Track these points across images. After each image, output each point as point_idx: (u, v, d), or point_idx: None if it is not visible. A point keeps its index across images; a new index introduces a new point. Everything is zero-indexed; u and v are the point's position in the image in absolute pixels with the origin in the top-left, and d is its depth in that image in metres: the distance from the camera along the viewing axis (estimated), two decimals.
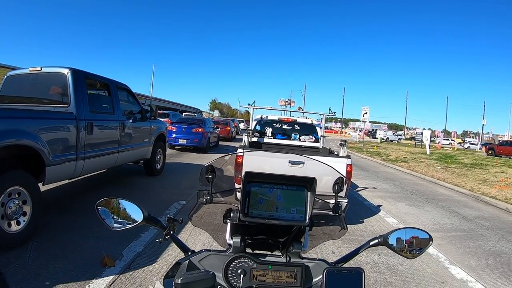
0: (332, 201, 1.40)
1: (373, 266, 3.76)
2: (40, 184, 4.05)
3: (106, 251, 3.43)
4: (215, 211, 1.38)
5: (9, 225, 3.42)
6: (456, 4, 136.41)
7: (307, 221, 1.12)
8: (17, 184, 3.51)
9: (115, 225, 1.14)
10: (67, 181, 5.22)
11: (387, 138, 55.73)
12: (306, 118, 8.32)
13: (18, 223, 3.51)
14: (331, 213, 1.37)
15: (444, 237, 5.23)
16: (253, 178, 1.13)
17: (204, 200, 1.33)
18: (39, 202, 3.81)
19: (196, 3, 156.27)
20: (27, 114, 4.00)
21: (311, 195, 1.13)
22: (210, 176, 1.33)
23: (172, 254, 3.55)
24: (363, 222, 5.60)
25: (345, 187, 1.39)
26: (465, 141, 63.77)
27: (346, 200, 4.64)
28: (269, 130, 7.16)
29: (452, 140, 57.50)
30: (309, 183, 1.14)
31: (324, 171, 5.40)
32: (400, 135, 64.08)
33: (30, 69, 5.10)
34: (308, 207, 1.13)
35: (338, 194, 1.38)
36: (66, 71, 4.78)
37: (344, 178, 1.40)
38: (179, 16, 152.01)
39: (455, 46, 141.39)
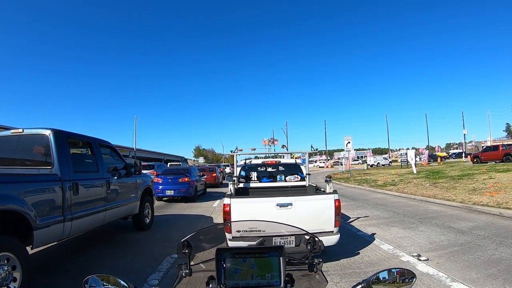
0: (321, 245, 1.47)
1: None
2: (28, 248, 3.93)
3: None
4: (200, 276, 1.40)
5: None
6: (425, 23, 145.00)
7: (281, 285, 1.19)
8: (5, 250, 3.41)
9: None
10: (56, 242, 5.06)
11: (378, 163, 56.23)
12: (292, 156, 8.43)
13: None
14: (307, 271, 1.43)
15: (442, 254, 5.22)
16: (226, 251, 1.21)
17: (183, 273, 1.37)
18: (29, 266, 3.69)
19: (173, 51, 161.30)
20: (11, 178, 3.95)
21: (283, 260, 1.21)
22: (186, 251, 1.37)
23: None
24: (358, 253, 5.52)
25: (318, 244, 1.46)
26: (450, 154, 64.98)
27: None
28: (254, 175, 7.20)
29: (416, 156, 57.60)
30: (279, 249, 1.23)
31: (313, 211, 5.44)
32: (388, 159, 64.55)
33: (12, 131, 5.11)
34: (282, 271, 1.20)
35: (312, 253, 1.44)
36: (48, 132, 4.80)
37: (316, 239, 1.46)
38: (157, 65, 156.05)
39: (426, 64, 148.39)
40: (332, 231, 4.72)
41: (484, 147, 40.19)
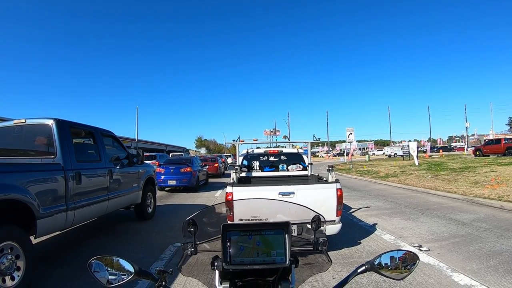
0: (325, 226, 1.46)
1: (375, 286, 3.71)
2: (32, 237, 3.96)
3: None
4: (204, 258, 1.40)
5: (4, 281, 3.33)
6: (427, 14, 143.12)
7: (287, 262, 1.18)
8: (8, 239, 3.44)
9: (110, 277, 1.15)
10: (59, 232, 5.11)
11: (395, 153, 53.84)
12: (293, 146, 8.40)
13: (12, 278, 3.42)
14: (312, 250, 1.41)
15: (443, 245, 5.24)
16: (231, 228, 1.20)
17: (188, 252, 1.37)
18: (32, 256, 3.72)
19: (176, 42, 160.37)
20: (14, 167, 3.96)
21: (289, 237, 1.20)
22: (192, 229, 1.37)
23: None
24: (360, 243, 5.56)
25: (323, 226, 1.45)
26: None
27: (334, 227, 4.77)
28: (256, 164, 7.20)
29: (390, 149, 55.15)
30: (285, 226, 1.21)
31: (314, 200, 5.44)
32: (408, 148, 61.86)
33: (15, 121, 5.11)
34: (287, 248, 1.19)
35: (317, 231, 1.43)
36: (50, 122, 4.80)
37: (321, 216, 1.45)
38: (158, 57, 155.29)
39: (429, 56, 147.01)
40: (334, 221, 4.74)
41: (486, 140, 39.99)
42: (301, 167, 7.20)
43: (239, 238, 1.19)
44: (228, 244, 1.18)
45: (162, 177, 13.57)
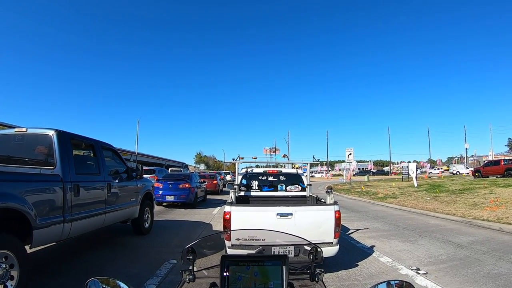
0: (322, 256, 1.49)
1: None
2: (27, 247, 3.93)
3: None
4: (201, 282, 1.42)
5: None
6: (428, 34, 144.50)
7: None
8: (3, 248, 3.41)
9: None
10: (55, 243, 5.07)
11: (458, 171, 49.19)
12: (293, 166, 8.42)
13: (5, 287, 3.37)
14: (308, 280, 1.44)
15: (441, 268, 5.18)
16: (230, 259, 1.23)
17: (187, 279, 1.38)
18: (27, 265, 3.69)
19: (177, 57, 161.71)
20: (12, 177, 3.96)
21: (286, 269, 1.24)
22: (191, 257, 1.39)
23: None
24: (357, 265, 5.48)
25: (320, 255, 1.47)
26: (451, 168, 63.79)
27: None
28: (255, 183, 7.21)
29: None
30: (282, 258, 1.25)
31: (313, 221, 5.44)
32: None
33: (16, 129, 5.15)
34: (284, 280, 1.22)
35: (314, 263, 1.45)
36: (51, 133, 4.83)
37: (318, 248, 1.48)
38: (161, 70, 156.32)
39: (429, 75, 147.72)
40: (332, 242, 4.71)
41: (485, 161, 39.95)
42: (300, 187, 7.20)
43: (237, 268, 1.22)
44: (226, 272, 1.20)
45: (160, 192, 13.52)
